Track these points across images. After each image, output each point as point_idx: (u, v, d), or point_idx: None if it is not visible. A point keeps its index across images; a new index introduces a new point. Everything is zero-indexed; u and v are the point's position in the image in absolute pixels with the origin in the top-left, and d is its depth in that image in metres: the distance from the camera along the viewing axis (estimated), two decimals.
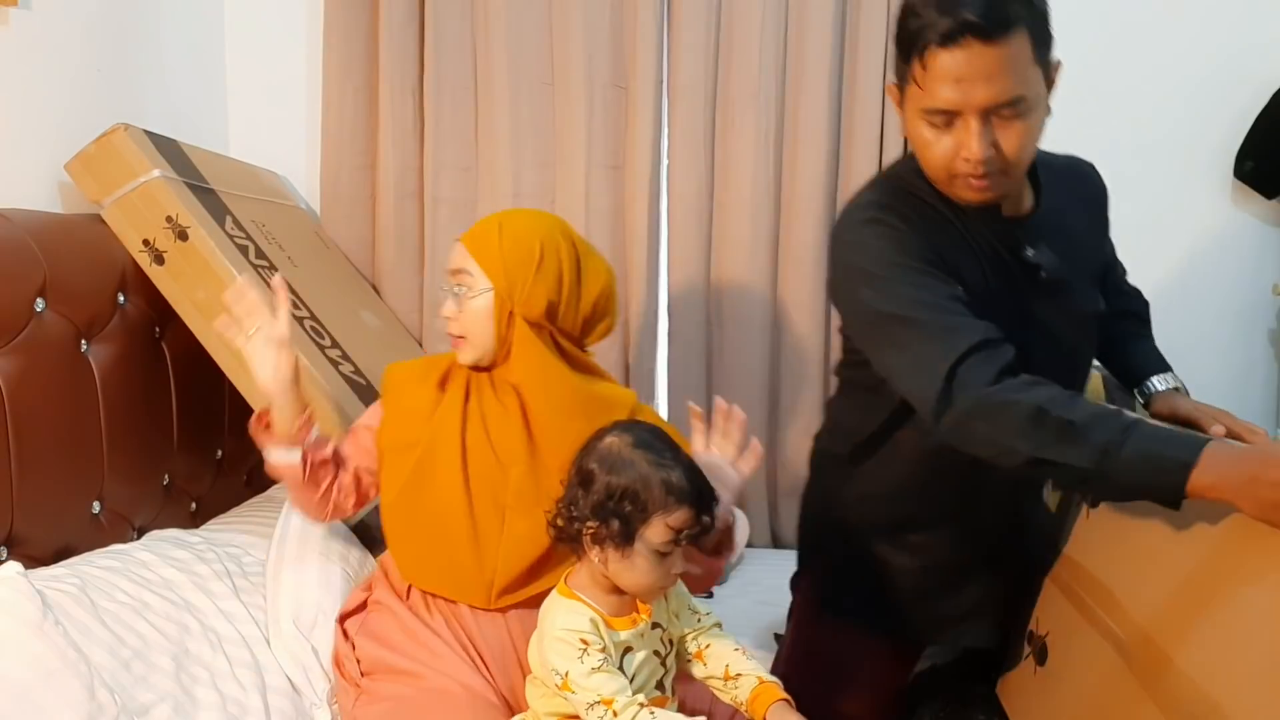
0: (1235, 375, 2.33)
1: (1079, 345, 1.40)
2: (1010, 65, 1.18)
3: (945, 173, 1.26)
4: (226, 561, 1.60)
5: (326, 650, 1.52)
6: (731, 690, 1.26)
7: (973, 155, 1.20)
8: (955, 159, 1.23)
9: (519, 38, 2.24)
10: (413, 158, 2.30)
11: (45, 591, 1.25)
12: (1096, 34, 2.27)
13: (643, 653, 1.23)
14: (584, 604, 1.22)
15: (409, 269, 2.32)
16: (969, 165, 1.22)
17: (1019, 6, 1.19)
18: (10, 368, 1.43)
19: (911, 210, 1.30)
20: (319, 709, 1.49)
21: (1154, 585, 1.18)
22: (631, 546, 1.17)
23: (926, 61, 1.19)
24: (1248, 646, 1.01)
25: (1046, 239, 1.34)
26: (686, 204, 2.25)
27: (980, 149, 1.20)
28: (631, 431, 1.23)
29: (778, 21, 2.21)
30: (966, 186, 1.25)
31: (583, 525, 1.20)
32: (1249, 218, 2.30)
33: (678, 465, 1.19)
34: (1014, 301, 1.31)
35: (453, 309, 1.44)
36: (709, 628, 1.31)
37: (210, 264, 1.71)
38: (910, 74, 1.24)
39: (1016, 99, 1.20)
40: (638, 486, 1.16)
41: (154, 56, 2.06)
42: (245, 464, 2.15)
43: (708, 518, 1.20)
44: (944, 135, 1.23)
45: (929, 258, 1.27)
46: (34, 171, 1.72)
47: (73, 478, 1.57)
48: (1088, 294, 1.40)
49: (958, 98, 1.19)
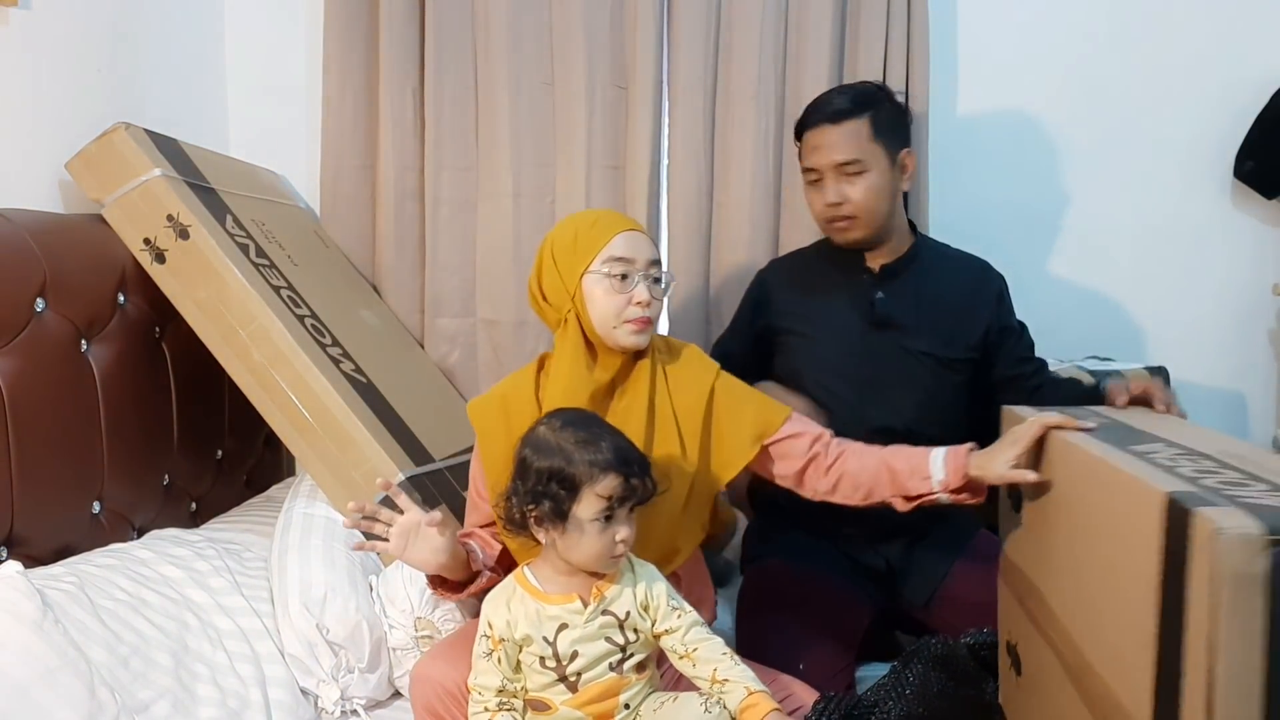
0: (1235, 375, 2.34)
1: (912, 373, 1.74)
2: (848, 139, 1.70)
3: (822, 219, 1.76)
4: (226, 558, 1.61)
5: (335, 625, 1.54)
6: (718, 694, 1.28)
7: (828, 200, 1.72)
8: (823, 206, 1.74)
9: (519, 38, 2.24)
10: (413, 158, 2.30)
11: (44, 590, 1.25)
12: (1097, 34, 2.28)
13: (580, 631, 1.27)
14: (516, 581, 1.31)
15: (409, 269, 2.32)
16: (829, 209, 1.73)
17: (862, 105, 1.72)
18: (10, 368, 1.43)
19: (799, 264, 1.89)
20: (326, 685, 1.51)
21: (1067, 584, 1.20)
22: (569, 522, 1.25)
23: (803, 141, 1.77)
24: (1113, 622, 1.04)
25: (899, 292, 1.76)
26: (686, 204, 2.25)
27: (832, 194, 1.71)
28: (560, 416, 1.32)
29: (778, 21, 2.21)
30: (834, 229, 1.75)
31: (524, 512, 1.28)
32: (1249, 218, 2.31)
33: (602, 438, 1.27)
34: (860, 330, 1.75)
35: (647, 295, 1.44)
36: (689, 627, 1.31)
37: (211, 262, 1.72)
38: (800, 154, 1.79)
39: (853, 160, 1.70)
40: (561, 464, 1.25)
41: (154, 56, 2.07)
42: (245, 464, 2.15)
43: (636, 480, 1.26)
44: (817, 192, 1.74)
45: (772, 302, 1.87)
46: (34, 171, 1.73)
47: (73, 478, 1.57)
48: (930, 339, 1.74)
49: (816, 160, 1.73)
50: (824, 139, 1.71)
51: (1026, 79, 2.31)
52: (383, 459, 1.73)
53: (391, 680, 1.60)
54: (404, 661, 1.58)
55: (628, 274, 1.43)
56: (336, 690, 1.52)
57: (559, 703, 1.29)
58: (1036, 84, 2.31)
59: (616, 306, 1.43)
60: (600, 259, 1.44)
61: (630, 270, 1.44)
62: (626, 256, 1.44)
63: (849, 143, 1.70)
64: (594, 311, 1.44)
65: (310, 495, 1.77)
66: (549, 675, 1.28)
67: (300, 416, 1.73)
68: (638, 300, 1.43)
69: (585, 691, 1.29)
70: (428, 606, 1.58)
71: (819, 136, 1.72)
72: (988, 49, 2.31)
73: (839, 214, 1.72)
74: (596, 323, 1.45)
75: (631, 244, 1.45)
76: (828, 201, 1.72)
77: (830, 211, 1.72)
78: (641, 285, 1.44)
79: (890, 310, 1.74)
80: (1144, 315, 2.34)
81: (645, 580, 1.33)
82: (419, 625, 1.58)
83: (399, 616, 1.59)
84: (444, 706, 1.35)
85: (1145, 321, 2.34)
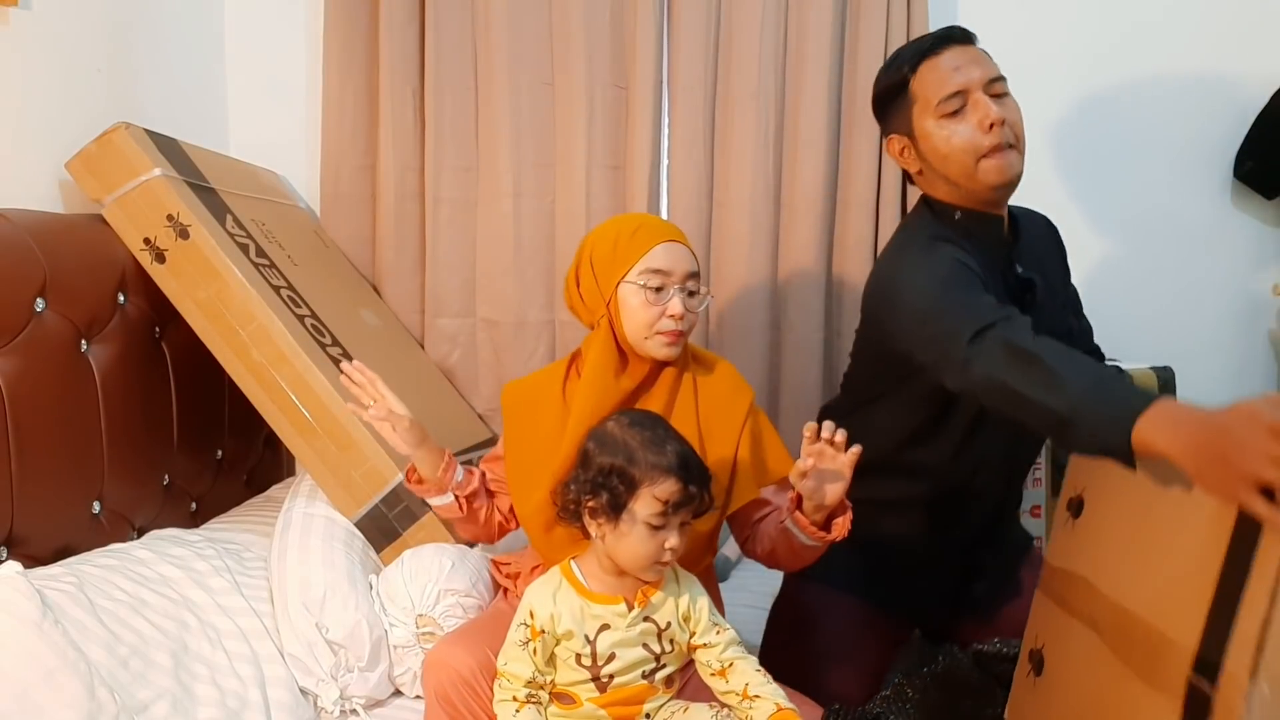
0: (1235, 375, 2.33)
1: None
2: (985, 56, 1.48)
3: (973, 156, 1.44)
4: (226, 558, 1.61)
5: (334, 625, 1.54)
6: (746, 710, 1.29)
7: (992, 117, 1.41)
8: (978, 134, 1.43)
9: (519, 38, 2.24)
10: (413, 158, 2.30)
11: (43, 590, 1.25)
12: (1097, 34, 2.28)
13: (621, 634, 1.28)
14: (563, 575, 1.31)
15: (409, 269, 2.32)
16: (993, 134, 1.42)
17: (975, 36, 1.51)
18: (10, 368, 1.43)
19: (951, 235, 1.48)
20: (325, 684, 1.51)
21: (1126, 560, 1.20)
22: (622, 519, 1.25)
23: (922, 74, 1.47)
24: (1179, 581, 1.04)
25: (1027, 263, 1.53)
26: (686, 204, 2.25)
27: (997, 112, 1.42)
28: (629, 415, 1.34)
29: (778, 21, 2.21)
30: (993, 165, 1.43)
31: (580, 502, 1.28)
32: (1249, 218, 2.31)
33: (668, 442, 1.28)
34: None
35: (681, 308, 1.44)
36: (728, 644, 1.33)
37: (211, 262, 1.72)
38: (909, 100, 1.49)
39: (1002, 76, 1.46)
40: (624, 461, 1.26)
41: (154, 56, 2.07)
42: (245, 464, 2.15)
43: (695, 488, 1.26)
44: (960, 122, 1.44)
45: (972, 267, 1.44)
46: (34, 171, 1.72)
47: (73, 478, 1.57)
48: (1057, 316, 1.56)
49: (962, 79, 1.44)
50: (965, 56, 1.46)
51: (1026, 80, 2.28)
52: (383, 459, 1.73)
53: (391, 679, 1.60)
54: (405, 659, 1.58)
55: (664, 286, 1.43)
56: (336, 690, 1.52)
57: (584, 698, 1.29)
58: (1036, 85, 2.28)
59: (650, 318, 1.43)
60: (637, 269, 1.44)
61: (666, 282, 1.44)
62: (664, 269, 1.44)
63: (987, 59, 1.48)
64: (627, 320, 1.45)
65: (310, 495, 1.77)
66: (582, 673, 1.28)
67: (300, 416, 1.73)
68: (671, 313, 1.43)
69: (614, 693, 1.29)
70: (429, 603, 1.58)
71: (958, 56, 1.46)
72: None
73: (1003, 139, 1.42)
74: (629, 332, 1.45)
75: (670, 256, 1.45)
76: (992, 119, 1.41)
77: (992, 137, 1.42)
78: (677, 298, 1.44)
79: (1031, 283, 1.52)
80: (1143, 315, 2.33)
81: (689, 592, 1.34)
82: (420, 623, 1.58)
83: (400, 614, 1.59)
84: (458, 694, 1.35)
85: (1145, 322, 2.33)
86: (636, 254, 1.44)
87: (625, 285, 1.44)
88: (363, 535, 1.74)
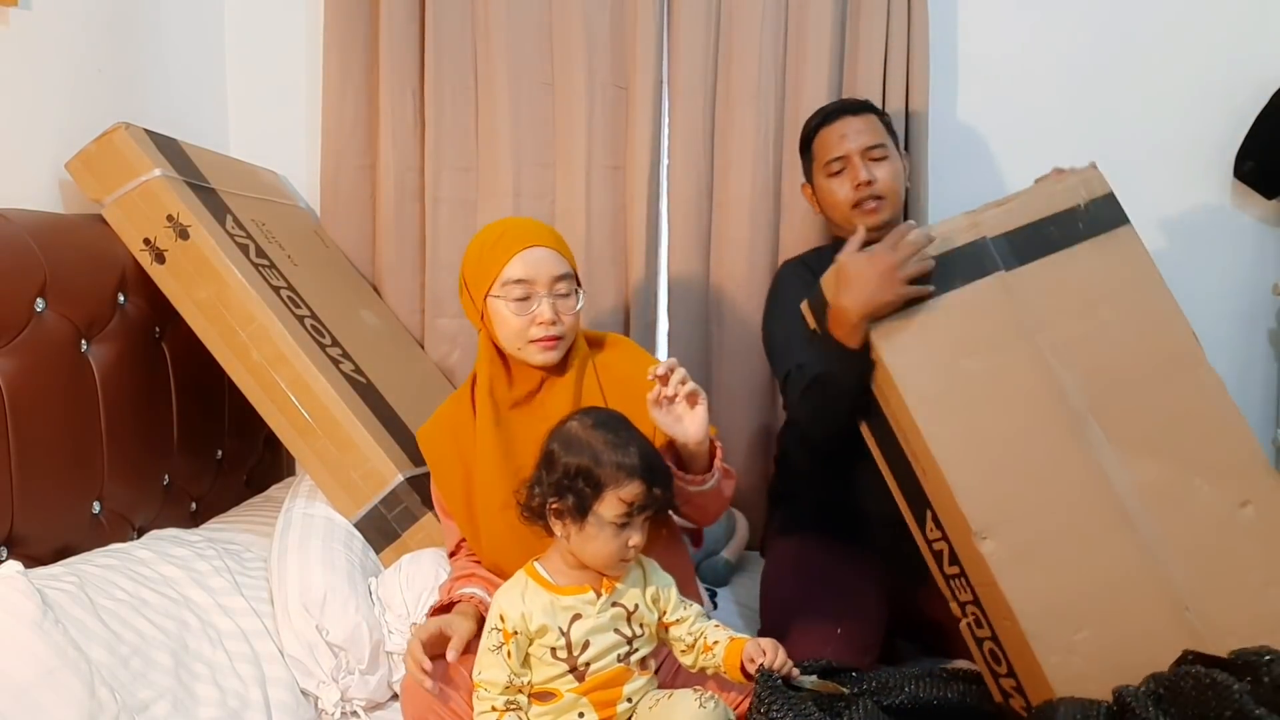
0: (1235, 375, 2.32)
1: None
2: (871, 124, 1.81)
3: (848, 205, 1.79)
4: (226, 558, 1.61)
5: (335, 627, 1.54)
6: (712, 661, 1.32)
7: (860, 179, 1.77)
8: (851, 191, 1.78)
9: (519, 38, 2.24)
10: (413, 158, 2.30)
11: (44, 590, 1.25)
12: (1097, 35, 2.28)
13: (593, 621, 1.30)
14: (528, 576, 1.32)
15: (409, 269, 2.32)
16: (860, 190, 1.76)
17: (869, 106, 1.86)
18: (10, 368, 1.43)
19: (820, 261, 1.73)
20: (326, 686, 1.52)
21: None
22: (588, 520, 1.27)
23: (821, 137, 1.84)
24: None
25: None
26: (686, 204, 2.25)
27: (864, 175, 1.77)
28: (592, 415, 1.34)
29: (778, 21, 2.21)
30: (864, 211, 1.77)
31: (545, 503, 1.30)
32: (1249, 218, 2.31)
33: (631, 444, 1.29)
34: None
35: (550, 314, 1.44)
36: (697, 616, 1.36)
37: (211, 262, 1.72)
38: (811, 157, 1.86)
39: (879, 144, 1.79)
40: (590, 464, 1.27)
41: (154, 56, 2.07)
42: (245, 464, 2.15)
43: (658, 490, 1.29)
44: (841, 180, 1.79)
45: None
46: (34, 171, 1.72)
47: (73, 478, 1.57)
48: None
49: (845, 146, 1.79)
50: (849, 127, 1.80)
51: (1026, 79, 2.31)
52: (382, 459, 1.73)
53: (391, 683, 1.60)
54: (401, 665, 1.58)
55: (529, 295, 1.44)
56: (336, 691, 1.52)
57: (564, 690, 1.30)
58: (1036, 85, 2.31)
59: (520, 326, 1.44)
60: (499, 282, 1.45)
61: (531, 291, 1.44)
62: (525, 278, 1.44)
63: (872, 129, 1.80)
64: (501, 332, 1.46)
65: (310, 495, 1.77)
66: (559, 666, 1.30)
67: (300, 417, 1.73)
68: (540, 320, 1.43)
69: (592, 680, 1.31)
70: (423, 612, 1.58)
71: (843, 126, 1.81)
72: (988, 49, 2.31)
73: (870, 193, 1.76)
74: (505, 342, 1.47)
75: (530, 263, 1.44)
76: (859, 181, 1.76)
77: (861, 193, 1.77)
78: (545, 304, 1.43)
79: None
80: None
81: (655, 579, 1.37)
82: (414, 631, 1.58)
83: (395, 621, 1.59)
84: (436, 716, 1.35)
85: None
86: (496, 266, 1.44)
87: (491, 299, 1.45)
88: (362, 536, 1.73)
